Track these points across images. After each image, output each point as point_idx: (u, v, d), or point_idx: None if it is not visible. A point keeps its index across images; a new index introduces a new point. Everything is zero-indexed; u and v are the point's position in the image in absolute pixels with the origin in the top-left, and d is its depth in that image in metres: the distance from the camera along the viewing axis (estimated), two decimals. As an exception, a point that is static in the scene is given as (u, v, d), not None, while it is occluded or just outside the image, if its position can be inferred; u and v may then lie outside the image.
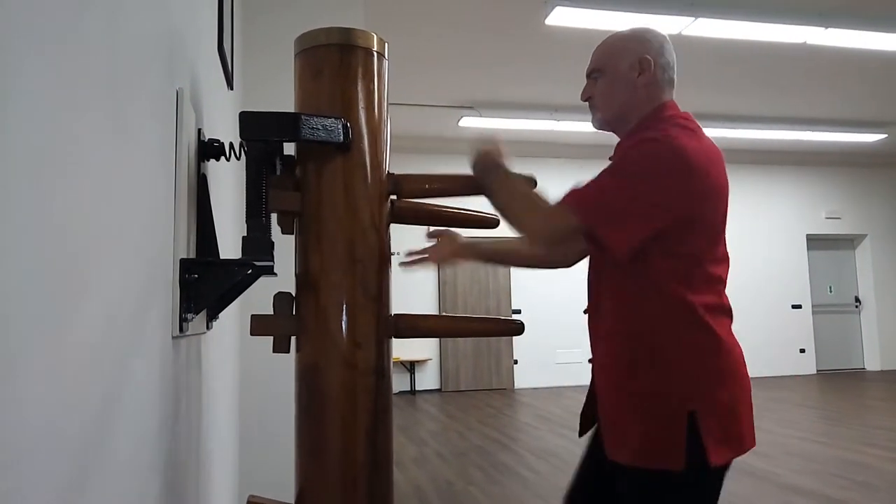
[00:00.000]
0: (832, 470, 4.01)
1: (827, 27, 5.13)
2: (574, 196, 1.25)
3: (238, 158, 1.32)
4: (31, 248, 0.51)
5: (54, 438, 0.56)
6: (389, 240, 1.28)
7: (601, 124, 1.40)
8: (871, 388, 7.97)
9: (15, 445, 0.48)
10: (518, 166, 1.35)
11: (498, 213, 1.37)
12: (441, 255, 1.59)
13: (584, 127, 7.23)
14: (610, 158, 1.35)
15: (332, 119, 1.17)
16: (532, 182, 1.40)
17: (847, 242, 10.05)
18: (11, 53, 0.47)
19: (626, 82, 1.33)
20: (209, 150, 1.34)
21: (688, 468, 1.16)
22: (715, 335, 1.22)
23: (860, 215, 9.93)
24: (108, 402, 0.71)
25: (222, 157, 1.35)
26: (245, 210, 1.15)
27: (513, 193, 1.34)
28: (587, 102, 1.41)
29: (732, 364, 1.24)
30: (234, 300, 1.40)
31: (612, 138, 1.42)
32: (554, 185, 1.55)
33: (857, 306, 9.93)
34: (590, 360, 1.39)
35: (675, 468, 1.16)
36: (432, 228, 1.57)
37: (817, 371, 9.48)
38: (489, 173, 1.37)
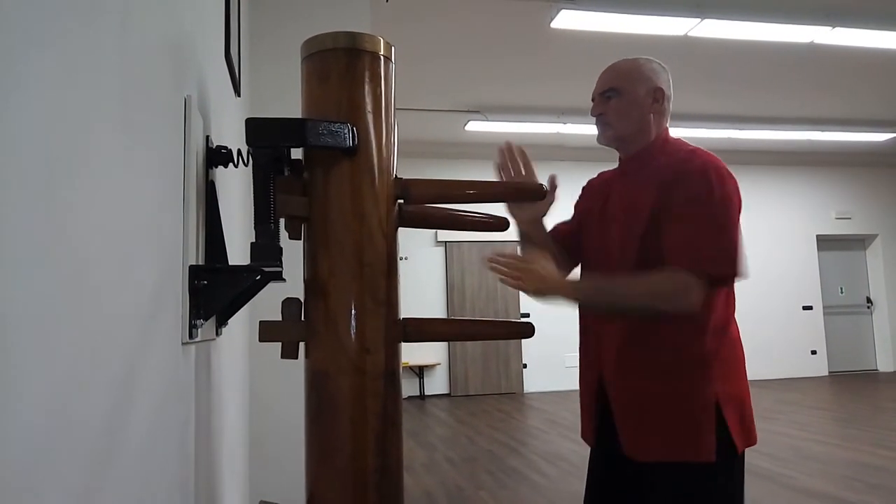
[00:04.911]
0: (846, 472, 3.97)
1: (834, 27, 5.11)
2: (695, 263, 1.28)
3: (246, 165, 1.33)
4: (41, 254, 0.51)
5: (65, 444, 0.56)
6: (397, 244, 1.28)
7: (610, 141, 1.48)
8: (884, 389, 7.89)
9: (25, 450, 0.48)
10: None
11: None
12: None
13: (590, 130, 7.19)
14: (622, 172, 1.49)
15: (340, 124, 1.17)
16: (540, 191, 1.39)
17: (858, 243, 9.98)
18: (21, 61, 0.47)
19: (641, 106, 1.43)
20: (217, 156, 1.35)
21: (718, 458, 1.27)
22: (732, 339, 1.36)
23: (870, 215, 9.86)
24: (119, 408, 0.72)
25: (230, 164, 1.36)
26: (253, 216, 1.15)
27: (618, 295, 1.32)
28: (597, 118, 1.48)
29: (742, 364, 1.38)
30: (243, 306, 1.40)
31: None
32: (561, 187, 1.54)
33: (868, 307, 9.85)
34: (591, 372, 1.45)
35: (708, 460, 1.27)
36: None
37: (829, 373, 9.41)
38: (554, 292, 1.31)
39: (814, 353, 9.39)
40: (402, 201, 1.31)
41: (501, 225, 1.41)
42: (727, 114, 7.51)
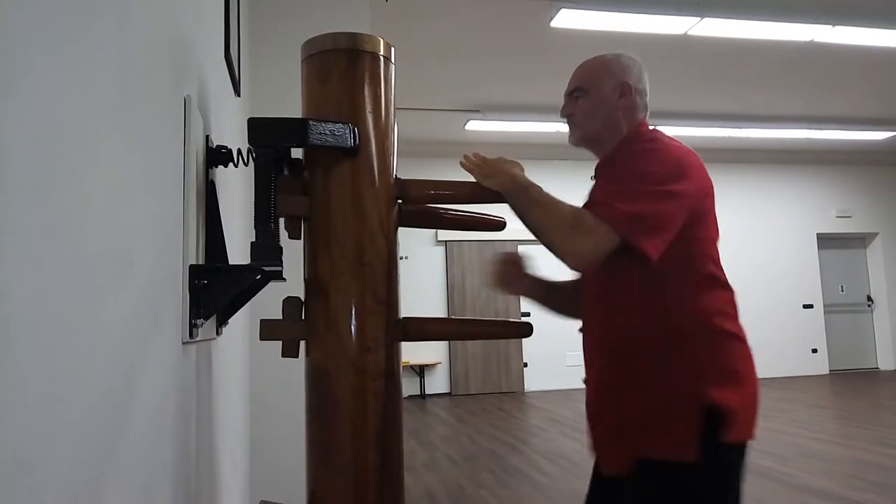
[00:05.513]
0: (847, 470, 3.97)
1: (834, 25, 5.11)
2: (609, 212, 1.23)
3: (246, 164, 1.33)
4: (42, 254, 0.51)
5: (65, 443, 0.56)
6: (397, 244, 1.28)
7: (579, 141, 1.45)
8: (885, 387, 7.89)
9: (27, 449, 0.48)
10: (526, 169, 1.35)
11: (521, 221, 1.32)
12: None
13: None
14: (593, 178, 1.42)
15: (340, 124, 1.18)
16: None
17: (858, 241, 9.98)
18: (21, 61, 0.47)
19: (607, 104, 1.40)
20: (217, 156, 1.35)
21: (702, 456, 1.19)
22: (727, 335, 1.29)
23: (871, 213, 9.85)
24: (119, 408, 0.72)
25: (230, 164, 1.36)
26: (253, 215, 1.15)
27: (538, 204, 1.29)
28: (567, 119, 1.45)
29: (741, 360, 1.29)
30: (243, 305, 1.40)
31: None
32: (561, 186, 1.52)
33: (869, 305, 9.85)
34: (584, 381, 1.41)
35: (689, 459, 1.20)
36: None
37: (830, 371, 9.41)
38: (494, 178, 1.31)
39: (814, 351, 9.39)
40: (401, 201, 1.31)
41: (499, 225, 1.41)
42: (727, 112, 7.51)
